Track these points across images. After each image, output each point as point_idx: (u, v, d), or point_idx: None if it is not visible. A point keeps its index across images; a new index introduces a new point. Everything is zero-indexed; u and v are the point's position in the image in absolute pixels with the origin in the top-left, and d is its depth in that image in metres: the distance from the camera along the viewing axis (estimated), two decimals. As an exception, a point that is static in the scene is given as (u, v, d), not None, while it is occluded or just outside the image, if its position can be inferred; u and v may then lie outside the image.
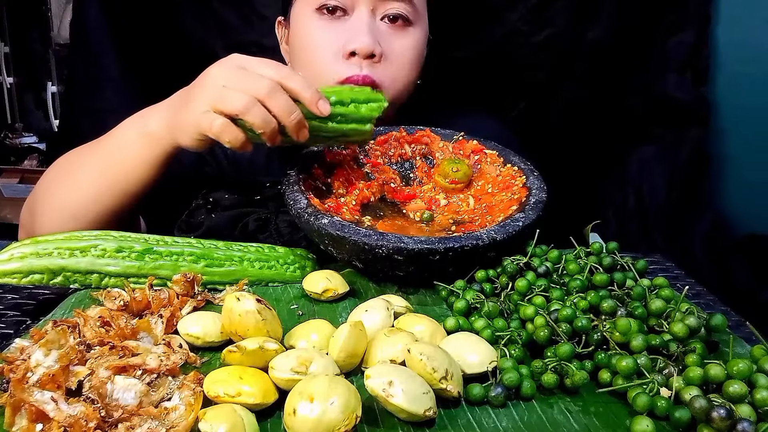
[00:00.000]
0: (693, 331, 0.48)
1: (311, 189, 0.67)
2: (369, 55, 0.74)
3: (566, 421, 0.44)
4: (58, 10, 2.22)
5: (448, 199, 0.73)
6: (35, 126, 2.51)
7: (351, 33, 0.75)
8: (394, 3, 0.77)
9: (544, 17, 1.01)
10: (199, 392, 0.43)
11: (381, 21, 0.77)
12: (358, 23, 0.75)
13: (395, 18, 0.77)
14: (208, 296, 0.59)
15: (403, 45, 0.78)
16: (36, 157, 2.41)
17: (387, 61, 0.77)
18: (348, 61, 0.75)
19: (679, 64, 0.97)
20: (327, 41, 0.76)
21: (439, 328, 0.51)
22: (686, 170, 0.98)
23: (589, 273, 0.57)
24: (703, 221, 0.97)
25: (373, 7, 0.76)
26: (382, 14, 0.77)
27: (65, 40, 2.11)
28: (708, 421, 0.40)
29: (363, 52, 0.74)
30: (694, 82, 0.96)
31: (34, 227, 0.73)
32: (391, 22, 0.77)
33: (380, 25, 0.77)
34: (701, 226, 0.97)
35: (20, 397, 0.40)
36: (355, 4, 0.76)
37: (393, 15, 0.77)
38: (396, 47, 0.78)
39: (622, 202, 1.04)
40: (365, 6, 0.76)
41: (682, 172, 0.98)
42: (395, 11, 0.77)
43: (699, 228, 0.97)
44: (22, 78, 2.46)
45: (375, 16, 0.77)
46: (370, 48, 0.74)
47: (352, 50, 0.74)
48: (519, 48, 1.03)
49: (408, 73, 0.80)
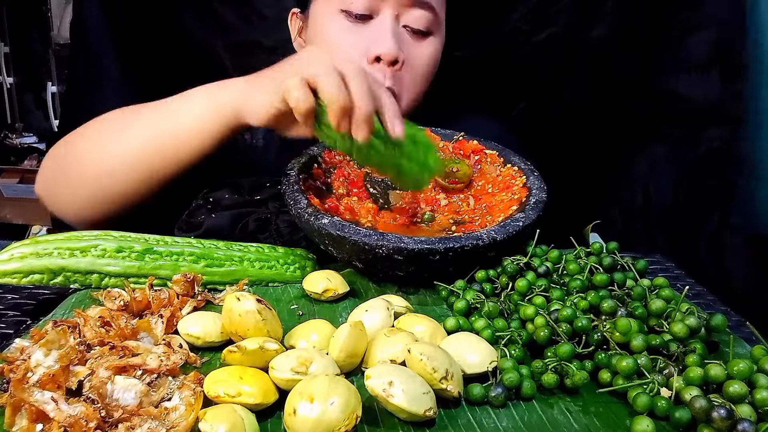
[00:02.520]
0: (693, 331, 0.48)
1: (311, 189, 0.67)
2: (393, 61, 0.74)
3: (566, 421, 0.44)
4: (58, 10, 2.22)
5: (448, 199, 0.73)
6: (35, 126, 2.51)
7: (374, 37, 0.74)
8: (418, 11, 0.76)
9: (544, 17, 1.01)
10: (199, 392, 0.43)
11: (403, 28, 0.76)
12: (383, 28, 0.74)
13: (418, 30, 0.77)
14: (208, 296, 0.59)
15: (423, 54, 0.78)
16: (36, 157, 2.41)
17: (407, 69, 0.76)
18: (371, 66, 0.74)
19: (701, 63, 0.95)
20: (350, 43, 0.75)
21: (439, 328, 0.51)
22: (697, 170, 0.97)
23: (589, 273, 0.57)
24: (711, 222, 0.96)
25: (397, 13, 0.75)
26: (405, 22, 0.76)
27: (65, 40, 2.11)
28: (708, 421, 0.40)
29: (388, 58, 0.73)
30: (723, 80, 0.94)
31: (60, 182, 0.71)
32: (413, 32, 0.77)
33: (402, 32, 0.76)
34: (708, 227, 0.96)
35: (20, 397, 0.40)
36: (380, 8, 0.75)
37: (416, 27, 0.76)
38: (416, 56, 0.77)
39: (628, 201, 1.04)
40: (390, 11, 0.75)
41: (692, 172, 0.97)
42: (418, 23, 0.76)
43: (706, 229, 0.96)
44: (22, 78, 2.46)
45: (398, 22, 0.76)
46: (394, 54, 0.73)
47: (377, 55, 0.73)
48: (520, 48, 1.03)
49: (425, 82, 0.79)
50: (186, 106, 0.67)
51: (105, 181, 0.68)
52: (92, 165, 0.69)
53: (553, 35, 1.01)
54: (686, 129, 0.98)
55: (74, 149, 0.72)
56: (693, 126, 0.97)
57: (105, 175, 0.68)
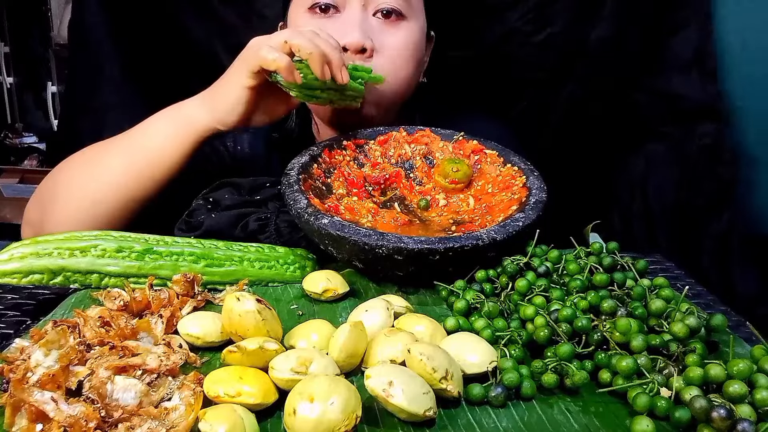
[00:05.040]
0: (693, 331, 0.48)
1: (311, 189, 0.67)
2: (359, 50, 0.75)
3: (566, 421, 0.44)
4: (58, 10, 2.22)
5: (448, 199, 0.73)
6: (35, 126, 2.51)
7: (342, 29, 0.75)
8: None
9: (544, 16, 1.01)
10: (199, 392, 0.43)
11: (374, 16, 0.78)
12: (349, 19, 0.76)
13: (389, 13, 0.78)
14: (208, 296, 0.58)
15: (398, 39, 0.78)
16: (36, 157, 2.41)
17: (381, 56, 0.77)
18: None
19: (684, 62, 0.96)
20: None
21: (439, 328, 0.51)
22: (695, 168, 0.97)
23: (589, 273, 0.57)
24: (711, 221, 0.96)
25: (364, 2, 0.77)
26: (374, 9, 0.78)
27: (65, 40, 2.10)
28: (708, 421, 0.40)
29: (353, 47, 0.74)
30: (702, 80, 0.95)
31: (46, 220, 0.73)
32: (385, 17, 0.78)
33: (373, 21, 0.78)
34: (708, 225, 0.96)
35: (20, 397, 0.40)
36: (347, 1, 0.77)
37: (386, 10, 0.78)
38: (390, 41, 0.78)
39: (628, 202, 1.04)
40: (356, 2, 0.77)
41: (691, 170, 0.97)
42: (387, 6, 0.77)
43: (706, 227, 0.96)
44: (22, 78, 2.46)
45: (367, 11, 0.77)
46: (360, 43, 0.74)
47: (342, 46, 0.74)
48: (519, 48, 1.03)
49: (404, 67, 0.80)
50: (153, 128, 0.72)
51: (91, 211, 0.71)
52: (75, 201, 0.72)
53: (553, 35, 1.01)
54: (681, 127, 0.98)
55: (54, 193, 0.75)
56: (687, 123, 0.97)
57: (88, 206, 0.72)
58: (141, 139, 0.72)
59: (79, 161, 0.75)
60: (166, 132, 0.71)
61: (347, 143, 0.75)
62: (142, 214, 0.74)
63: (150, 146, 0.71)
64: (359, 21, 0.76)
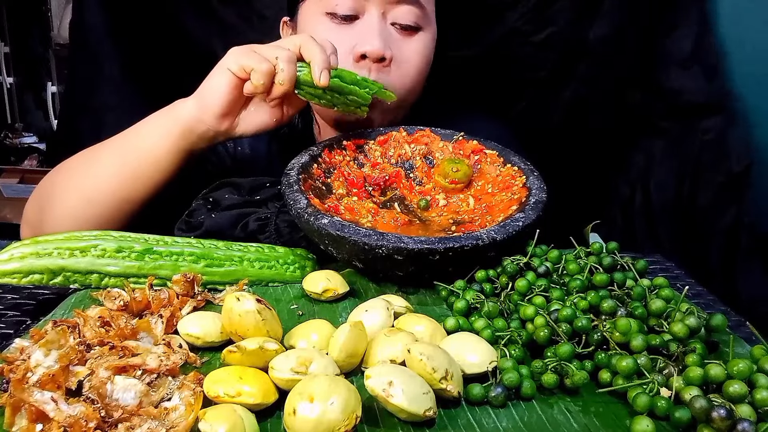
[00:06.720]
0: (693, 331, 0.48)
1: (311, 189, 0.67)
2: (379, 58, 0.74)
3: (566, 421, 0.44)
4: (58, 10, 2.22)
5: (448, 199, 0.73)
6: (35, 126, 2.51)
7: (361, 36, 0.75)
8: (404, 7, 0.76)
9: (544, 16, 1.01)
10: (199, 392, 0.43)
11: (391, 26, 0.77)
12: (369, 27, 0.75)
13: (407, 27, 0.77)
14: (208, 296, 0.58)
15: (413, 50, 0.78)
16: (36, 157, 2.42)
17: (396, 66, 0.76)
18: (357, 64, 0.75)
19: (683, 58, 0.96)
20: (336, 42, 0.76)
21: (439, 328, 0.51)
22: (698, 163, 0.97)
23: (589, 273, 0.57)
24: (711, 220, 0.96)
25: (383, 11, 0.76)
26: (392, 19, 0.77)
27: (65, 40, 2.10)
28: (708, 421, 0.40)
29: (374, 56, 0.74)
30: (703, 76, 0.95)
31: (44, 219, 0.73)
32: (402, 28, 0.77)
33: (390, 30, 0.77)
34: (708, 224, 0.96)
35: (20, 397, 0.40)
36: (366, 8, 0.76)
37: (405, 25, 0.77)
38: (405, 52, 0.77)
39: (628, 199, 1.04)
40: (376, 9, 0.76)
41: (693, 165, 0.97)
42: (407, 22, 0.77)
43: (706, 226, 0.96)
44: (22, 78, 2.46)
45: (385, 20, 0.77)
46: (380, 52, 0.74)
47: (362, 53, 0.74)
48: (519, 47, 1.03)
49: (417, 77, 0.80)
50: (146, 128, 0.72)
51: (88, 212, 0.71)
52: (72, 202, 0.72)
53: (553, 35, 1.01)
54: (681, 123, 0.98)
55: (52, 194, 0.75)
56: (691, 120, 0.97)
57: (84, 208, 0.72)
58: (134, 139, 0.72)
59: (76, 162, 0.75)
60: (158, 131, 0.70)
61: (347, 143, 0.75)
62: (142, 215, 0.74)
63: (142, 146, 0.71)
64: (379, 29, 0.75)
